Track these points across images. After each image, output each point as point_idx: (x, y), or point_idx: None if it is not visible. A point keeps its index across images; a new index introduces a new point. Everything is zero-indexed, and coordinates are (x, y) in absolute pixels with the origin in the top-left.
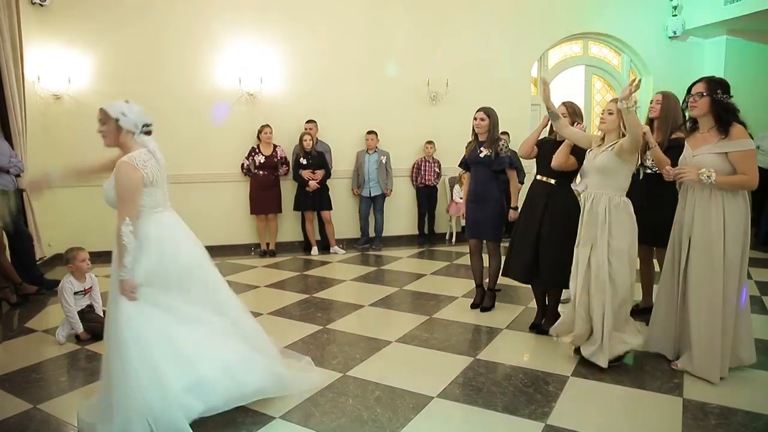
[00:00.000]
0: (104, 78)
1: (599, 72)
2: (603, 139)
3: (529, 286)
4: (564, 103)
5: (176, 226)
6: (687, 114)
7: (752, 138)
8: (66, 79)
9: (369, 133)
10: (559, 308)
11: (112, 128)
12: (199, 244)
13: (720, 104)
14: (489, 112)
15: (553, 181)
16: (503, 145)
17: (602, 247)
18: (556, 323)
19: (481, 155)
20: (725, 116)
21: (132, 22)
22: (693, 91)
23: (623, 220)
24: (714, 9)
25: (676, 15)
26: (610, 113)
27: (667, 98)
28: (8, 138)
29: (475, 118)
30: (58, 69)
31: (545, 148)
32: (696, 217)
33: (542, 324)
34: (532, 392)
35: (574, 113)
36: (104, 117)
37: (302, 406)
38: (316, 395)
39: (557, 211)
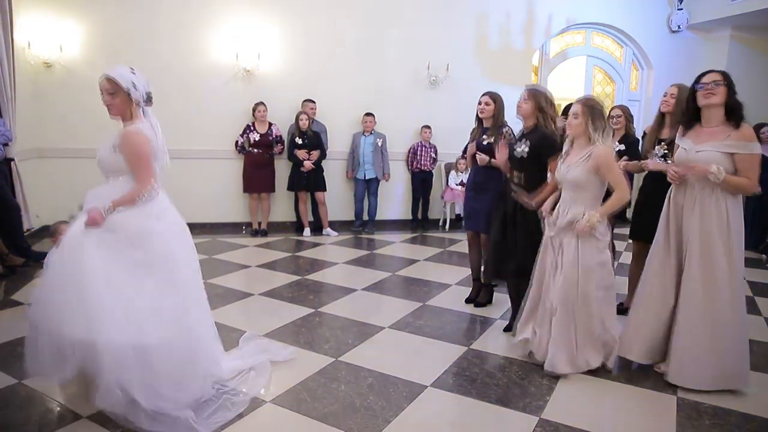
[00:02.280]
0: (97, 48)
1: (600, 63)
2: (572, 142)
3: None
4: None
5: (164, 206)
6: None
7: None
8: (58, 46)
9: (367, 114)
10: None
11: (123, 100)
12: (182, 230)
13: (734, 98)
14: (495, 97)
15: (522, 177)
16: (507, 132)
17: (572, 261)
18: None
19: (485, 143)
20: (738, 111)
21: None
22: (708, 80)
23: (591, 241)
24: (719, 4)
25: (680, 9)
26: (575, 117)
27: (682, 92)
28: None
29: (479, 103)
30: (49, 36)
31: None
32: (695, 218)
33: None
34: (526, 385)
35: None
36: (114, 88)
37: (294, 390)
38: (308, 380)
39: (526, 211)
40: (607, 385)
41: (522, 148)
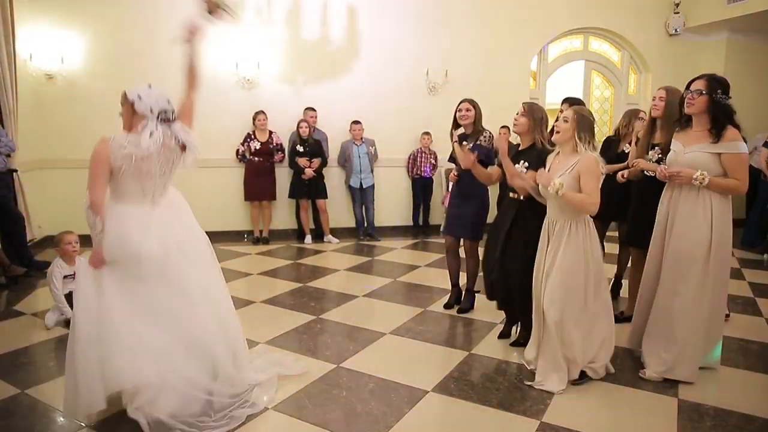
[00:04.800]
0: (98, 59)
1: (599, 68)
2: (557, 153)
3: None
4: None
5: (135, 220)
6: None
7: (746, 141)
8: (59, 58)
9: (354, 122)
10: None
11: (127, 110)
12: (174, 248)
13: (718, 105)
14: (474, 103)
15: (522, 197)
16: (486, 137)
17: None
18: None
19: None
20: (721, 119)
21: (128, 1)
22: (692, 88)
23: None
24: (716, 8)
25: (677, 12)
26: (566, 120)
27: (670, 94)
28: None
29: (459, 110)
30: (51, 47)
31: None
32: (678, 217)
33: (518, 336)
34: (527, 389)
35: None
36: (123, 99)
37: (295, 396)
38: (309, 386)
39: (528, 230)
40: (607, 388)
41: (522, 164)
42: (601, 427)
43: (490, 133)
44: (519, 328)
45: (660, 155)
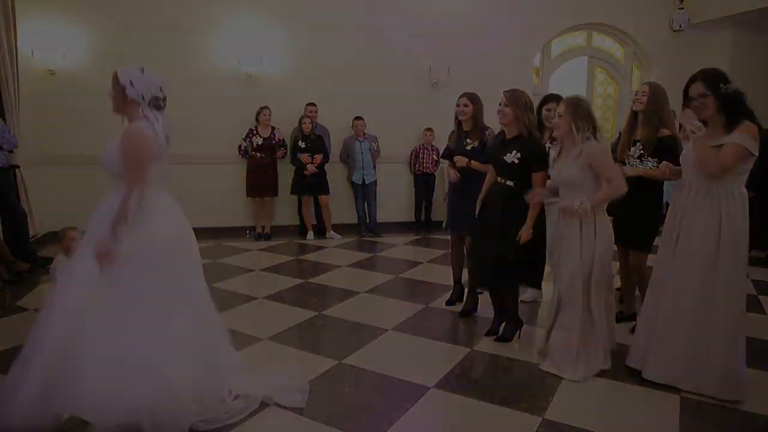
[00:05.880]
0: (99, 55)
1: (602, 64)
2: (561, 144)
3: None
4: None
5: (164, 206)
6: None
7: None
8: (61, 54)
9: (357, 118)
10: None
11: (117, 94)
12: (186, 233)
13: (727, 98)
14: (473, 98)
15: (512, 183)
16: (489, 134)
17: (580, 258)
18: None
19: (468, 147)
20: (735, 109)
21: None
22: (692, 93)
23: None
24: (721, 3)
25: (682, 8)
26: (560, 115)
27: (654, 89)
28: (0, 113)
29: (457, 105)
30: (52, 43)
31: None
32: (691, 221)
33: (501, 330)
34: (529, 385)
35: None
36: (113, 81)
37: None
38: (311, 383)
39: (515, 213)
40: (610, 385)
41: (513, 154)
42: (604, 424)
43: (491, 130)
44: (504, 324)
45: (641, 151)
